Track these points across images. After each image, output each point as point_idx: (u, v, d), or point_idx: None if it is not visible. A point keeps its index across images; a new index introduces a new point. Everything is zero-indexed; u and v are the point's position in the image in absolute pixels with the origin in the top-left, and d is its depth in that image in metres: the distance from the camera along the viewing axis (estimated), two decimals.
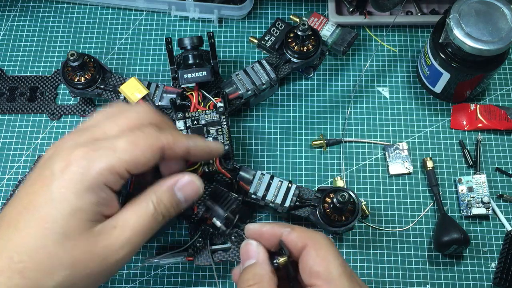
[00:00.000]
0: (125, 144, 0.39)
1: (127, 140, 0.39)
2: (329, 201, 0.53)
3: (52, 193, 0.38)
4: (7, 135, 0.63)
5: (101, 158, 0.38)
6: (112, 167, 0.38)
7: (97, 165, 0.38)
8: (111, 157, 0.38)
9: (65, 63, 0.59)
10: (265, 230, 0.41)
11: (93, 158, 0.38)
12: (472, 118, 0.63)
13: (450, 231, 0.55)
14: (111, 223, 0.39)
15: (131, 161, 0.39)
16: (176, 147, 0.42)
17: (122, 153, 0.39)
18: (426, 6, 0.70)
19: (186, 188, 0.43)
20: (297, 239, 0.39)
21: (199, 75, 0.58)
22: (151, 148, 0.40)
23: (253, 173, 0.56)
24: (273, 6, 0.70)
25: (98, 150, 0.39)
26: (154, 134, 0.40)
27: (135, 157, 0.39)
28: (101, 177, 0.38)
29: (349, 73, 0.66)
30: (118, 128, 0.41)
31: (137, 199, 0.41)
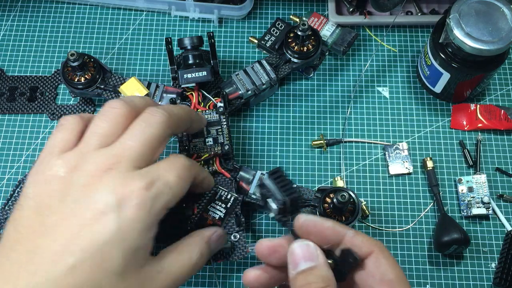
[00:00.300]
0: (176, 179, 0.39)
1: (177, 176, 0.40)
2: (329, 201, 0.53)
3: (110, 232, 0.35)
4: (7, 135, 0.63)
5: (162, 196, 0.38)
6: (169, 204, 0.38)
7: (158, 204, 0.37)
8: (169, 194, 0.38)
9: (65, 63, 0.59)
10: (327, 227, 0.38)
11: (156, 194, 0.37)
12: (472, 118, 0.63)
13: (450, 231, 0.55)
14: (157, 268, 0.39)
15: (179, 195, 0.40)
16: (199, 176, 0.44)
17: (175, 189, 0.39)
18: (426, 6, 0.70)
19: (218, 241, 0.46)
20: (362, 243, 0.38)
21: (199, 75, 0.58)
22: (188, 181, 0.41)
23: (253, 173, 0.56)
24: (273, 6, 0.70)
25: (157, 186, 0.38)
26: (190, 165, 0.42)
27: (182, 190, 0.40)
28: (160, 215, 0.38)
29: (349, 73, 0.66)
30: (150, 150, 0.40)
31: (180, 247, 0.42)
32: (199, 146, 0.56)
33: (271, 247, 0.40)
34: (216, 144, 0.56)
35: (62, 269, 0.34)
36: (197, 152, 0.56)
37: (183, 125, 0.46)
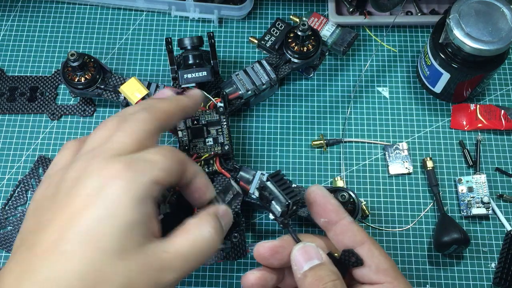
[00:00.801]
0: (160, 156, 0.38)
1: (158, 152, 0.38)
2: None
3: (100, 212, 0.34)
4: (7, 135, 0.63)
5: (146, 170, 0.36)
6: (157, 178, 0.37)
7: (142, 177, 0.36)
8: (155, 169, 0.37)
9: (65, 63, 0.59)
10: (332, 203, 0.42)
11: (135, 169, 0.36)
12: (472, 118, 0.63)
13: (450, 231, 0.55)
14: (161, 247, 0.37)
15: (169, 172, 0.38)
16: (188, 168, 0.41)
17: (162, 164, 0.37)
18: (426, 6, 0.70)
19: (226, 217, 0.41)
20: (357, 232, 0.40)
21: (199, 75, 0.58)
22: (180, 161, 0.39)
23: (253, 173, 0.56)
24: (273, 6, 0.70)
25: (138, 163, 0.37)
26: (174, 149, 0.40)
27: (170, 168, 0.38)
28: (150, 189, 0.36)
29: (349, 73, 0.66)
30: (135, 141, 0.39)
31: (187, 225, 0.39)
32: (199, 146, 0.56)
33: (273, 249, 0.41)
34: (216, 144, 0.56)
35: (61, 258, 0.34)
36: (197, 152, 0.56)
37: (174, 117, 0.44)
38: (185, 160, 0.40)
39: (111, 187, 0.35)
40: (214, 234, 0.39)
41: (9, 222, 0.59)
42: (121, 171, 0.36)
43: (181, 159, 0.40)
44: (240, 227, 0.54)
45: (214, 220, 0.39)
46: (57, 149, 0.62)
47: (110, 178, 0.36)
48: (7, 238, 0.58)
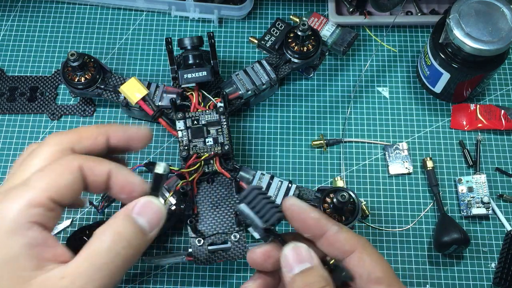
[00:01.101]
0: (38, 174, 0.34)
1: (39, 169, 0.35)
2: (329, 201, 0.53)
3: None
4: (7, 135, 0.63)
5: (16, 197, 0.33)
6: (31, 201, 0.33)
7: (13, 205, 0.33)
8: (26, 191, 0.33)
9: (65, 63, 0.59)
10: (312, 217, 0.38)
11: (7, 200, 0.33)
12: (472, 118, 0.63)
13: (450, 231, 0.55)
14: (58, 273, 0.32)
15: (52, 188, 0.34)
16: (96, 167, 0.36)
17: (37, 183, 0.34)
18: (426, 6, 0.70)
19: (146, 212, 0.36)
20: (345, 241, 0.37)
21: (199, 75, 0.58)
22: (69, 169, 0.35)
23: (253, 173, 0.56)
24: (273, 6, 0.70)
25: (11, 192, 0.34)
26: (68, 155, 0.36)
27: (54, 182, 0.34)
28: (22, 215, 0.33)
29: (349, 73, 0.66)
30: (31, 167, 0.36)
31: (90, 240, 0.35)
32: (199, 146, 0.56)
33: (265, 254, 0.39)
34: (216, 144, 0.56)
35: None
36: (197, 152, 0.56)
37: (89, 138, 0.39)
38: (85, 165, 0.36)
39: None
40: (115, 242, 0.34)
41: None
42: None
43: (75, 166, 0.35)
44: (241, 227, 0.54)
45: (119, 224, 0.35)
46: None
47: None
48: None
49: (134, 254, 0.35)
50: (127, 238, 0.34)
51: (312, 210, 0.38)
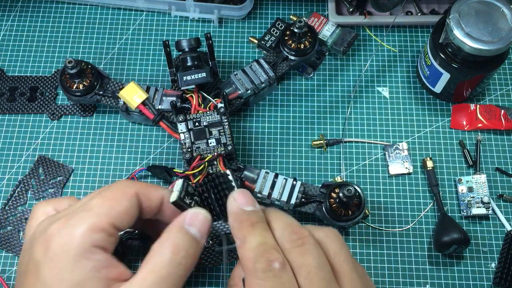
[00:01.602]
0: (98, 200, 0.37)
1: (100, 196, 0.37)
2: (335, 196, 0.53)
3: (45, 280, 0.34)
4: (7, 135, 0.63)
5: (79, 222, 0.35)
6: (93, 226, 0.35)
7: (77, 230, 0.35)
8: (88, 216, 0.36)
9: (62, 71, 0.59)
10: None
11: (71, 225, 0.35)
12: (472, 118, 0.63)
13: (450, 231, 0.55)
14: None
15: (111, 213, 0.37)
16: (151, 193, 0.40)
17: (98, 209, 0.36)
18: (426, 6, 0.70)
19: (195, 222, 0.38)
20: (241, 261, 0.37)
21: (198, 77, 0.57)
22: (125, 196, 0.38)
23: (258, 172, 0.56)
24: (273, 6, 0.70)
25: (73, 217, 0.36)
26: (125, 183, 0.39)
27: (113, 208, 0.37)
28: (86, 240, 0.35)
29: (349, 73, 0.66)
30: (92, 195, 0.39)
31: (149, 255, 0.37)
32: (202, 147, 0.56)
33: None
34: (219, 144, 0.56)
35: None
36: (200, 153, 0.55)
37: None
38: (140, 192, 0.39)
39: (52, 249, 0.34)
40: (174, 253, 0.36)
41: (9, 222, 0.59)
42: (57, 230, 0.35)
43: (131, 193, 0.38)
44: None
45: (175, 236, 0.37)
46: (57, 149, 0.62)
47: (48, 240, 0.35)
48: (7, 238, 0.58)
49: (192, 262, 0.37)
50: (185, 248, 0.37)
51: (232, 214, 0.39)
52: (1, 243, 0.58)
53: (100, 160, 0.62)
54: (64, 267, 0.34)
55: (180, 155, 0.61)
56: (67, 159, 0.62)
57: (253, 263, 0.35)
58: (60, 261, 0.34)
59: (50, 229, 0.35)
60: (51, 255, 0.34)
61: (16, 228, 0.58)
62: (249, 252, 0.36)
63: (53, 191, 0.60)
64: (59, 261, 0.34)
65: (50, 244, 0.35)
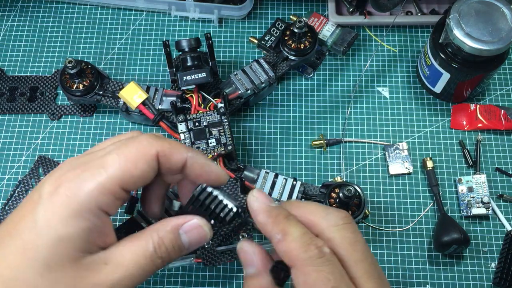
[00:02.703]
0: (114, 157, 0.35)
1: (116, 153, 0.35)
2: (335, 196, 0.53)
3: (37, 219, 0.34)
4: (7, 135, 0.63)
5: (90, 178, 0.34)
6: (102, 187, 0.34)
7: (86, 186, 0.34)
8: (101, 175, 0.34)
9: (62, 71, 0.59)
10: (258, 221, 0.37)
11: (82, 179, 0.34)
12: (472, 118, 0.63)
13: (450, 231, 0.55)
14: (103, 258, 0.35)
15: (124, 176, 0.35)
16: (172, 156, 0.37)
17: (111, 168, 0.35)
18: (426, 6, 0.70)
19: (193, 233, 0.38)
20: (284, 254, 0.35)
21: (198, 77, 0.58)
22: (144, 157, 0.36)
23: (258, 172, 0.56)
24: (273, 6, 0.70)
25: (87, 170, 0.35)
26: (147, 140, 0.36)
27: (128, 171, 0.35)
28: (91, 200, 0.34)
29: (349, 73, 0.66)
30: (112, 143, 0.37)
31: (136, 235, 0.36)
32: (202, 147, 0.56)
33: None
34: (219, 144, 0.56)
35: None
36: None
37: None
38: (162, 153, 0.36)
39: (55, 196, 0.34)
40: (160, 248, 0.36)
41: None
42: (69, 179, 0.35)
43: (152, 154, 0.36)
44: (247, 226, 0.54)
45: (168, 234, 0.37)
46: (57, 149, 0.62)
47: (60, 185, 0.35)
48: None
49: (165, 264, 0.37)
50: (168, 250, 0.36)
51: (261, 212, 0.37)
52: None
53: None
54: (60, 217, 0.34)
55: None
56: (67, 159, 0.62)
57: (304, 251, 0.34)
58: (59, 209, 0.34)
59: (65, 175, 0.35)
60: (54, 200, 0.34)
61: None
62: (295, 243, 0.35)
63: None
64: (58, 208, 0.34)
65: (57, 189, 0.34)
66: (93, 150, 0.38)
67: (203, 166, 0.39)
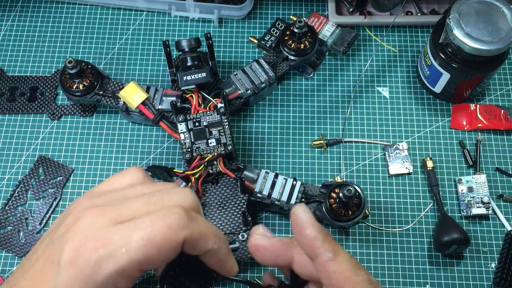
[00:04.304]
0: (140, 240, 0.32)
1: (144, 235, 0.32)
2: (335, 196, 0.53)
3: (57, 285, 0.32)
4: (7, 135, 0.63)
5: (109, 260, 0.32)
6: (122, 270, 0.32)
7: (105, 267, 0.32)
8: (121, 259, 0.32)
9: (63, 71, 0.59)
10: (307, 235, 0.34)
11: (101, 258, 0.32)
12: (472, 118, 0.63)
13: (450, 231, 0.55)
14: None
15: (146, 262, 0.33)
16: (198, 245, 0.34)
17: (134, 253, 0.32)
18: (426, 6, 0.70)
19: None
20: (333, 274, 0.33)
21: (198, 77, 0.58)
22: (171, 244, 0.33)
23: (257, 172, 0.56)
24: (273, 6, 0.70)
25: (108, 247, 0.32)
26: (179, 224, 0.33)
27: (150, 256, 0.33)
28: (109, 281, 0.32)
29: (349, 73, 0.66)
30: (142, 207, 0.34)
31: None
32: (202, 147, 0.56)
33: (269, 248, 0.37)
34: (219, 145, 0.56)
35: None
36: (200, 153, 0.55)
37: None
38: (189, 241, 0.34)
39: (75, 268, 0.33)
40: None
41: (9, 222, 0.59)
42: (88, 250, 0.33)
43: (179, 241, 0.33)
44: (248, 226, 0.54)
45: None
46: (57, 149, 0.62)
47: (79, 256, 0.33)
48: (7, 238, 0.58)
49: None
50: None
51: (311, 226, 0.34)
52: (1, 243, 0.58)
53: (100, 160, 0.62)
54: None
55: (180, 155, 0.61)
56: (67, 159, 0.62)
57: (356, 275, 0.33)
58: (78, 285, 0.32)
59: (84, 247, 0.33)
60: (73, 274, 0.32)
61: (16, 228, 0.58)
62: (346, 265, 0.34)
63: (53, 191, 0.60)
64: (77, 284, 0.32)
65: (76, 261, 0.32)
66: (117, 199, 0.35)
67: (221, 261, 0.37)
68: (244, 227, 0.54)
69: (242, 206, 0.55)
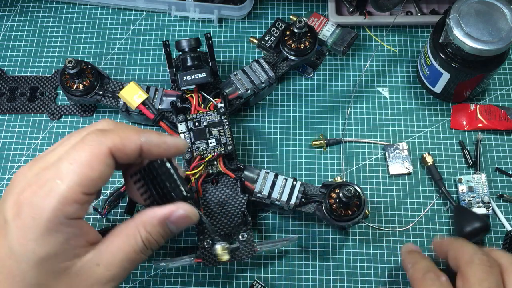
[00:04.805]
0: (67, 166, 0.34)
1: (68, 160, 0.34)
2: (335, 196, 0.53)
3: (12, 246, 0.34)
4: (7, 135, 0.63)
5: (50, 193, 0.34)
6: (64, 198, 0.34)
7: (48, 203, 0.33)
8: (59, 187, 0.34)
9: (62, 71, 0.59)
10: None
11: (41, 197, 0.34)
12: (472, 118, 0.63)
13: (469, 221, 0.55)
14: (94, 260, 0.35)
15: (83, 182, 0.34)
16: (125, 147, 0.36)
17: (68, 178, 0.34)
18: (426, 6, 0.70)
19: (180, 222, 0.38)
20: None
21: (198, 77, 0.58)
22: (98, 158, 0.35)
23: (258, 172, 0.56)
24: (273, 6, 0.70)
25: (44, 186, 0.34)
26: (95, 140, 0.35)
27: (85, 175, 0.34)
28: (58, 214, 0.33)
29: (349, 73, 0.66)
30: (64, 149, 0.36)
31: (122, 229, 0.37)
32: (202, 147, 0.56)
33: None
34: (219, 145, 0.56)
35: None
36: (200, 153, 0.56)
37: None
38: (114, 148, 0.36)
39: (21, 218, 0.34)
40: (148, 243, 0.37)
41: None
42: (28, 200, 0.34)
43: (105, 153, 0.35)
44: (248, 226, 0.54)
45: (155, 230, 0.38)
46: None
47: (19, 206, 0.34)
48: None
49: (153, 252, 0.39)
50: (157, 241, 0.38)
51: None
52: None
53: None
54: (33, 238, 0.33)
55: (180, 155, 0.61)
56: None
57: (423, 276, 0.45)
58: (30, 231, 0.33)
59: (23, 195, 0.34)
60: (21, 223, 0.34)
61: None
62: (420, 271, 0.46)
63: None
64: (29, 231, 0.33)
65: (20, 211, 0.34)
66: (44, 155, 0.37)
67: (159, 145, 0.39)
68: (244, 227, 0.54)
69: (242, 206, 0.55)
